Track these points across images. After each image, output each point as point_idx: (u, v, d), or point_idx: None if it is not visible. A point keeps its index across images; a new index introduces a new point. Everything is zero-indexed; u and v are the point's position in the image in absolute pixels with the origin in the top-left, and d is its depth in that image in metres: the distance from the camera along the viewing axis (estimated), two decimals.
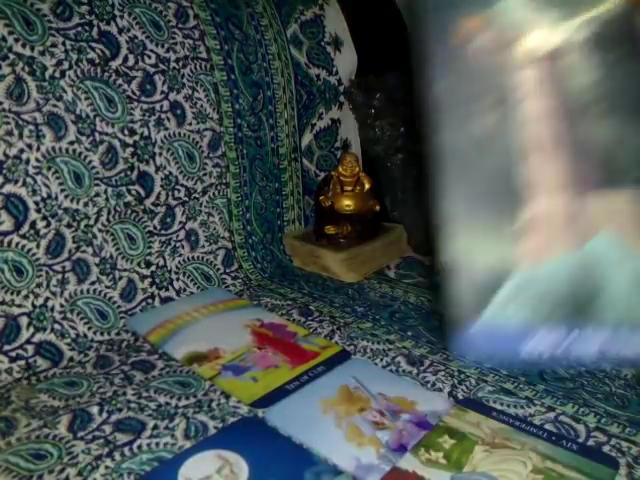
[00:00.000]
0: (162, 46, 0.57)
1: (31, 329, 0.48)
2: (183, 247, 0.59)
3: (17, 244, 0.48)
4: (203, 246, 0.61)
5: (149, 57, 0.56)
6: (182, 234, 0.59)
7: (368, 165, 0.73)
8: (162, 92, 0.57)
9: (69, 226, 0.51)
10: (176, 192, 0.58)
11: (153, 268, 0.56)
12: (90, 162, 0.52)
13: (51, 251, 0.49)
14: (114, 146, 0.53)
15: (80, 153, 0.51)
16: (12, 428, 0.39)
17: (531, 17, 0.36)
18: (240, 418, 0.40)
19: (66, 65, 0.51)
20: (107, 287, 0.53)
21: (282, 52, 0.67)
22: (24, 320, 0.48)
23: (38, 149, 0.49)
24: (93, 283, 0.52)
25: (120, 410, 0.40)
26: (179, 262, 0.58)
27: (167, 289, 0.57)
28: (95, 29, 0.53)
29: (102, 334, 0.51)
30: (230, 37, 0.63)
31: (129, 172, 0.54)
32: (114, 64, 0.53)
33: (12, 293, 0.47)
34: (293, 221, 0.70)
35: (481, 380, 0.44)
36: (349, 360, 0.47)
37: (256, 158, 0.65)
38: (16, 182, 0.48)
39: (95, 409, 0.40)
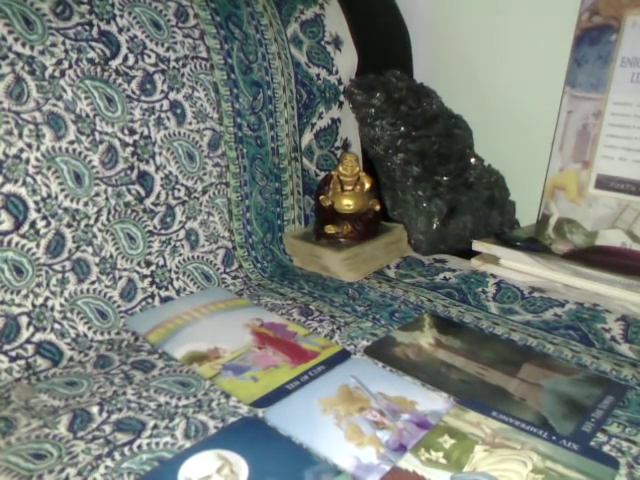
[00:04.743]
0: (162, 45, 0.57)
1: (31, 329, 0.48)
2: (183, 247, 0.59)
3: (17, 244, 0.48)
4: (203, 246, 0.60)
5: (149, 56, 0.56)
6: (182, 234, 0.59)
7: (368, 165, 0.73)
8: (162, 91, 0.57)
9: (69, 226, 0.51)
10: (176, 192, 0.58)
11: (153, 268, 0.56)
12: (90, 162, 0.52)
13: (51, 251, 0.49)
14: (114, 146, 0.53)
15: (80, 153, 0.51)
16: (12, 428, 0.39)
17: None
18: (240, 418, 0.40)
19: (66, 64, 0.50)
20: (107, 287, 0.53)
21: (282, 51, 0.67)
22: (24, 320, 0.48)
23: (38, 149, 0.49)
24: (93, 283, 0.52)
25: (120, 410, 0.40)
26: (179, 262, 0.58)
27: (167, 289, 0.57)
28: (95, 28, 0.53)
29: (102, 334, 0.51)
30: (230, 36, 0.63)
31: (129, 172, 0.54)
32: (114, 63, 0.53)
33: (12, 293, 0.47)
34: (293, 221, 0.70)
35: None
36: (349, 360, 0.47)
37: (256, 157, 0.65)
38: (16, 182, 0.48)
39: (95, 409, 0.40)
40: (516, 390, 0.43)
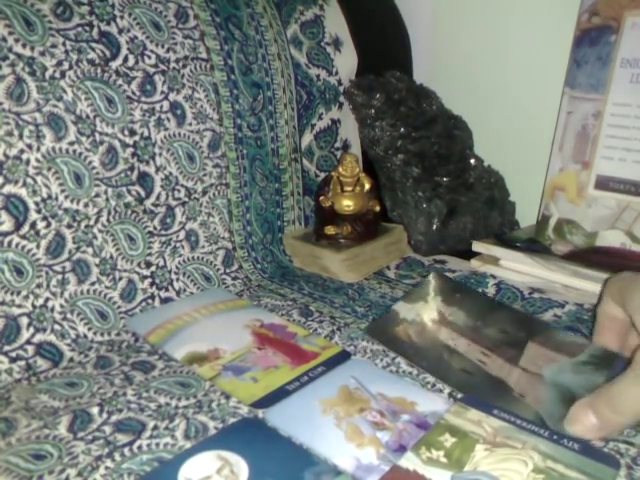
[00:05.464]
0: (162, 46, 0.57)
1: (31, 329, 0.48)
2: (183, 247, 0.59)
3: (17, 244, 0.48)
4: (203, 246, 0.61)
5: (149, 57, 0.56)
6: (182, 234, 0.59)
7: (368, 165, 0.73)
8: (162, 92, 0.57)
9: (69, 226, 0.51)
10: (176, 192, 0.58)
11: (153, 268, 0.56)
12: (90, 162, 0.52)
13: (51, 251, 0.49)
14: (114, 146, 0.53)
15: (80, 153, 0.51)
16: (12, 428, 0.39)
17: None
18: (240, 418, 0.40)
19: (66, 65, 0.51)
20: (107, 287, 0.53)
21: (282, 52, 0.67)
22: (24, 320, 0.48)
23: (38, 149, 0.49)
24: (93, 283, 0.52)
25: (120, 411, 0.40)
26: (179, 262, 0.58)
27: (167, 289, 0.57)
28: (95, 29, 0.53)
29: (102, 334, 0.51)
30: (230, 37, 0.63)
31: (129, 172, 0.54)
32: (114, 64, 0.53)
33: (12, 293, 0.47)
34: (293, 221, 0.70)
35: None
36: (349, 360, 0.47)
37: (256, 158, 0.65)
38: (16, 182, 0.48)
39: (95, 409, 0.40)
40: (516, 384, 0.42)
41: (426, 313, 0.49)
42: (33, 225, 0.48)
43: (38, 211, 0.49)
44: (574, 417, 0.37)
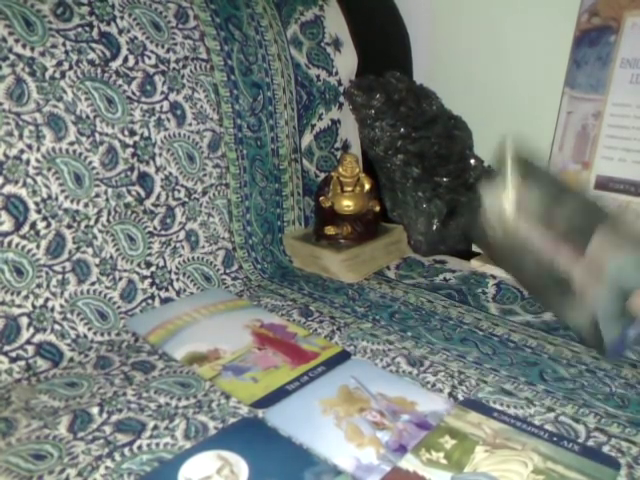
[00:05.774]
0: (162, 47, 0.57)
1: (31, 330, 0.48)
2: (183, 248, 0.59)
3: (17, 244, 0.48)
4: (203, 247, 0.61)
5: (149, 58, 0.56)
6: (182, 235, 0.59)
7: (368, 166, 0.73)
8: (162, 93, 0.57)
9: (69, 227, 0.51)
10: (176, 193, 0.58)
11: (153, 269, 0.56)
12: (90, 163, 0.52)
13: (51, 252, 0.49)
14: (114, 147, 0.53)
15: (80, 154, 0.51)
16: (12, 428, 0.39)
17: None
18: (240, 418, 0.40)
19: (66, 66, 0.51)
20: (107, 288, 0.53)
21: (282, 53, 0.67)
22: (24, 320, 0.48)
23: (38, 150, 0.49)
24: (93, 284, 0.52)
25: (120, 410, 0.40)
26: (179, 263, 0.58)
27: (167, 290, 0.57)
28: (95, 30, 0.53)
29: (102, 335, 0.51)
30: (230, 38, 0.63)
31: (129, 173, 0.54)
32: (114, 65, 0.53)
33: (12, 293, 0.47)
34: (293, 222, 0.70)
35: (481, 381, 0.44)
36: (349, 360, 0.47)
37: (256, 159, 0.65)
38: (16, 183, 0.48)
39: (95, 409, 0.40)
40: (579, 280, 0.43)
41: (505, 199, 0.49)
42: (33, 225, 0.48)
43: (38, 211, 0.49)
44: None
